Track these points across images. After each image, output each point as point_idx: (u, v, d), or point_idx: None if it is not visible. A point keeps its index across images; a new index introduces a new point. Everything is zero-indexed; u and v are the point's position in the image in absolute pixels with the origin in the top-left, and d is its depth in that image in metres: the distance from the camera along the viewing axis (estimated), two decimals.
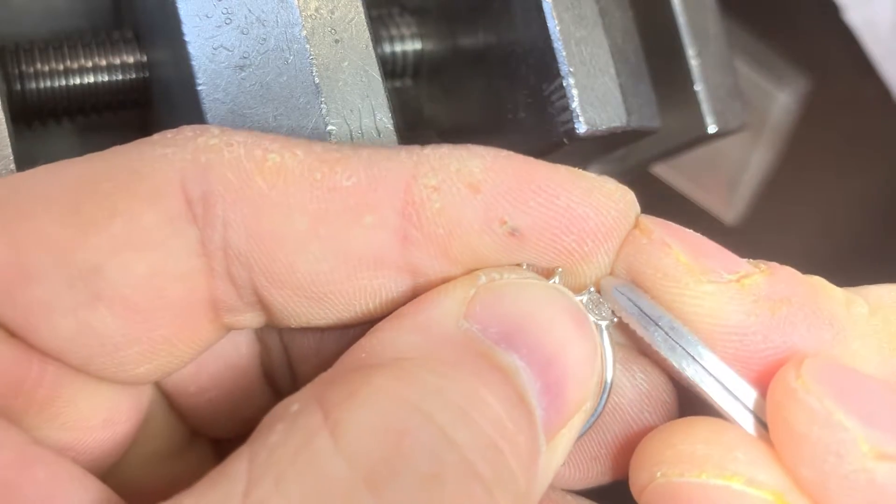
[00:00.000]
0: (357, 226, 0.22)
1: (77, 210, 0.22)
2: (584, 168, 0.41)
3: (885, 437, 0.22)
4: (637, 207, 0.24)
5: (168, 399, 0.26)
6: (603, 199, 0.23)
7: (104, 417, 0.23)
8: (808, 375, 0.22)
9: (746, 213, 0.52)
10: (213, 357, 0.25)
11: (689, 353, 0.23)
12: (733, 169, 0.51)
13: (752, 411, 0.23)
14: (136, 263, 0.22)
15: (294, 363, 0.26)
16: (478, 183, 0.22)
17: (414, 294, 0.23)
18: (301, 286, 0.22)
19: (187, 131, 0.23)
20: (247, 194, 0.22)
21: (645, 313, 0.23)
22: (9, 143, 0.28)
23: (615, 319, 0.24)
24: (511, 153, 0.23)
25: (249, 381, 0.26)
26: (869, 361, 0.24)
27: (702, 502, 0.23)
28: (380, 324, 0.23)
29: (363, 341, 0.23)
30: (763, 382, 0.23)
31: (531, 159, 0.23)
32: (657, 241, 0.24)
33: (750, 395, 0.23)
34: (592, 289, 0.24)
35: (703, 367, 0.23)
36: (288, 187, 0.22)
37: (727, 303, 0.23)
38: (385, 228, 0.22)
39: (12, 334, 0.22)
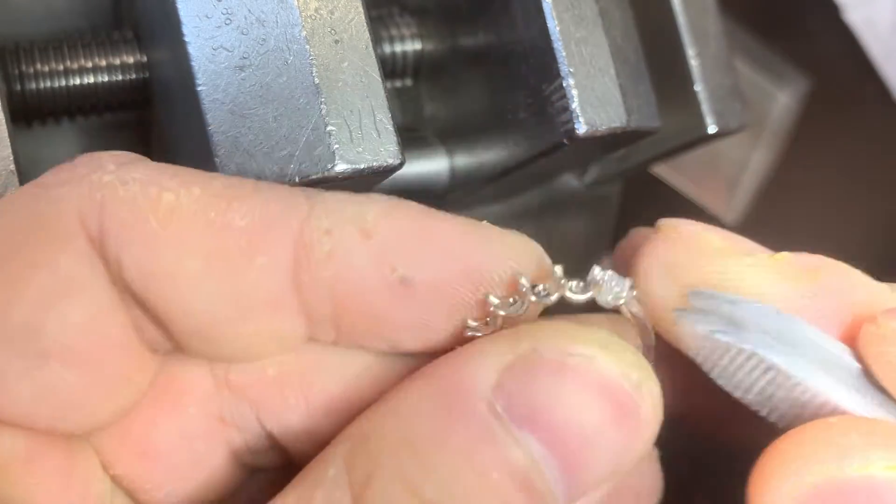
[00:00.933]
0: (249, 267, 0.22)
1: None
2: (585, 169, 0.42)
3: None
4: (545, 258, 0.23)
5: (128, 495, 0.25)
6: (503, 248, 0.22)
7: None
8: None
9: (746, 213, 0.52)
10: (164, 452, 0.24)
11: (798, 341, 0.22)
12: (733, 169, 0.51)
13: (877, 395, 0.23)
14: (71, 311, 0.21)
15: (284, 443, 0.25)
16: (370, 229, 0.22)
17: (306, 340, 0.23)
18: (197, 328, 0.22)
19: (81, 167, 0.22)
20: (139, 234, 0.21)
21: (735, 318, 0.23)
22: (9, 144, 0.28)
23: (634, 293, 0.23)
24: (413, 203, 0.23)
25: (212, 464, 0.25)
26: None
27: (872, 498, 0.21)
28: (413, 377, 0.22)
29: (391, 399, 0.22)
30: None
31: (433, 210, 0.22)
32: (687, 233, 0.24)
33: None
34: (597, 271, 0.22)
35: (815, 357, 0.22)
36: (181, 226, 0.22)
37: (774, 275, 0.23)
38: (277, 270, 0.22)
39: None
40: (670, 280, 0.24)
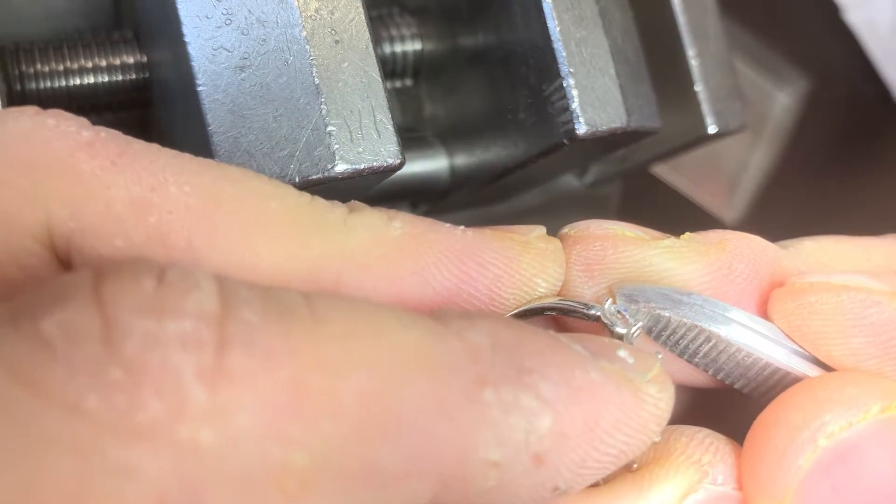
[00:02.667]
0: None
1: None
2: (585, 169, 0.42)
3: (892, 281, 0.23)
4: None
5: None
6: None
7: None
8: (798, 284, 0.23)
9: (746, 213, 0.52)
10: None
11: (730, 318, 0.23)
12: (733, 169, 0.51)
13: (802, 354, 0.24)
14: None
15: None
16: (543, 453, 0.19)
17: None
18: None
19: (152, 402, 0.15)
20: None
21: (670, 298, 0.24)
22: None
23: (640, 324, 0.24)
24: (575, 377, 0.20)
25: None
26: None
27: (879, 441, 0.21)
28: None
29: None
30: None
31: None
32: (598, 231, 0.24)
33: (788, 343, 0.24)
34: (608, 303, 0.24)
35: (747, 327, 0.23)
36: None
37: (686, 254, 0.24)
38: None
39: None
40: (592, 279, 0.24)
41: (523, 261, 0.22)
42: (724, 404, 0.26)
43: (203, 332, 0.16)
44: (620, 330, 0.23)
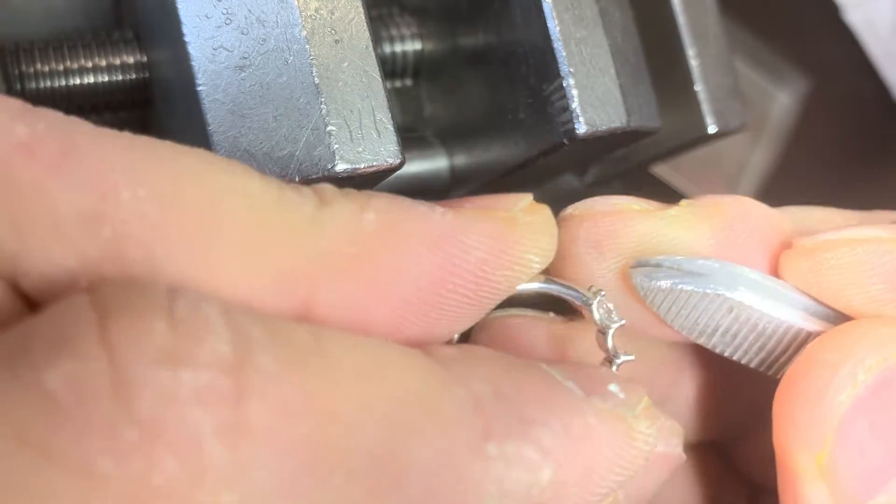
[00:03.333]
0: None
1: None
2: (585, 169, 0.41)
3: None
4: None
5: None
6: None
7: None
8: (807, 238, 0.24)
9: None
10: None
11: (749, 279, 0.24)
12: (733, 169, 0.51)
13: (821, 310, 0.24)
14: None
15: None
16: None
17: None
18: None
19: (170, 464, 0.14)
20: None
21: (687, 271, 0.24)
22: None
23: (622, 322, 0.24)
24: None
25: None
26: None
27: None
28: None
29: None
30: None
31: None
32: (605, 207, 0.24)
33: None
34: (599, 297, 0.24)
35: (764, 285, 0.24)
36: None
37: (692, 220, 0.24)
38: None
39: None
40: (602, 255, 0.24)
41: (510, 239, 0.21)
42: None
43: (221, 383, 0.15)
44: (610, 323, 0.23)
